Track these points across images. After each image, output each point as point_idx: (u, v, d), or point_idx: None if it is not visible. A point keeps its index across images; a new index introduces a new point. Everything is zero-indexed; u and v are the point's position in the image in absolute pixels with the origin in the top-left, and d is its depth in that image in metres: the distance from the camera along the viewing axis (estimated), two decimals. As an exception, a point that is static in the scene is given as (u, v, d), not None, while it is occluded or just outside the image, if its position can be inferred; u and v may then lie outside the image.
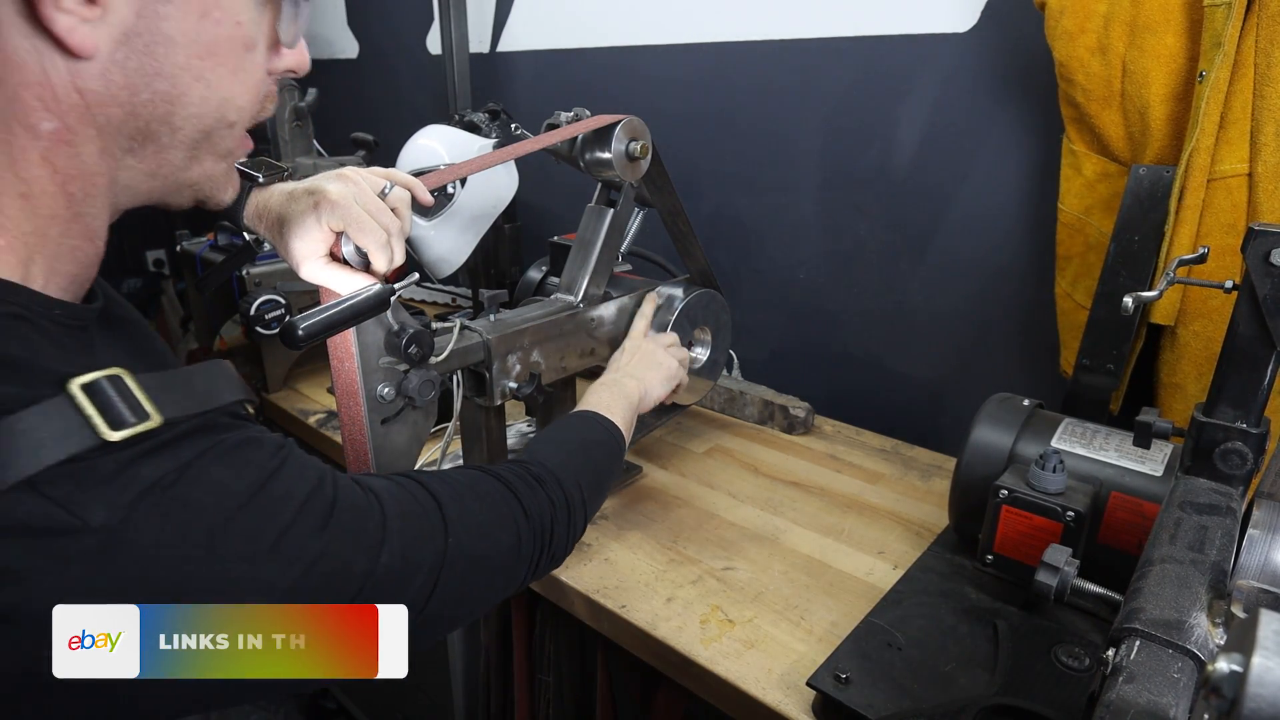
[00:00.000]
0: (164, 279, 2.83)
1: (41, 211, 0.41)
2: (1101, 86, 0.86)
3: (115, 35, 0.40)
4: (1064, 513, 0.72)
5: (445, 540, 0.51)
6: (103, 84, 0.40)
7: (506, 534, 0.57)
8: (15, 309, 0.38)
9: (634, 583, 0.85)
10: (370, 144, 1.52)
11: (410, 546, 0.48)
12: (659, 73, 1.43)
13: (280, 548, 0.41)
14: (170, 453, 0.39)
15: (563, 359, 0.95)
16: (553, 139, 0.89)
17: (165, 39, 0.41)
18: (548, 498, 0.62)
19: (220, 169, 0.49)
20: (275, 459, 0.43)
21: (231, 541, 0.39)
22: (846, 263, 1.29)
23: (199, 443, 0.40)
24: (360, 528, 0.45)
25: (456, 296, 1.75)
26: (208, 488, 0.39)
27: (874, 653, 0.69)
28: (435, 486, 0.54)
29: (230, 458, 0.41)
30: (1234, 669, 0.29)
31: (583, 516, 0.68)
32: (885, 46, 1.15)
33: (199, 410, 0.41)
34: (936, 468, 1.10)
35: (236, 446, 0.42)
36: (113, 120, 0.42)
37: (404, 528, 0.48)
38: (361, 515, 0.46)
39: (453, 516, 0.52)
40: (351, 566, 0.44)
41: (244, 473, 0.41)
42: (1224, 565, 0.49)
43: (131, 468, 0.37)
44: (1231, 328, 0.58)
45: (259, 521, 0.40)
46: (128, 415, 0.37)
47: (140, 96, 0.42)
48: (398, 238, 0.68)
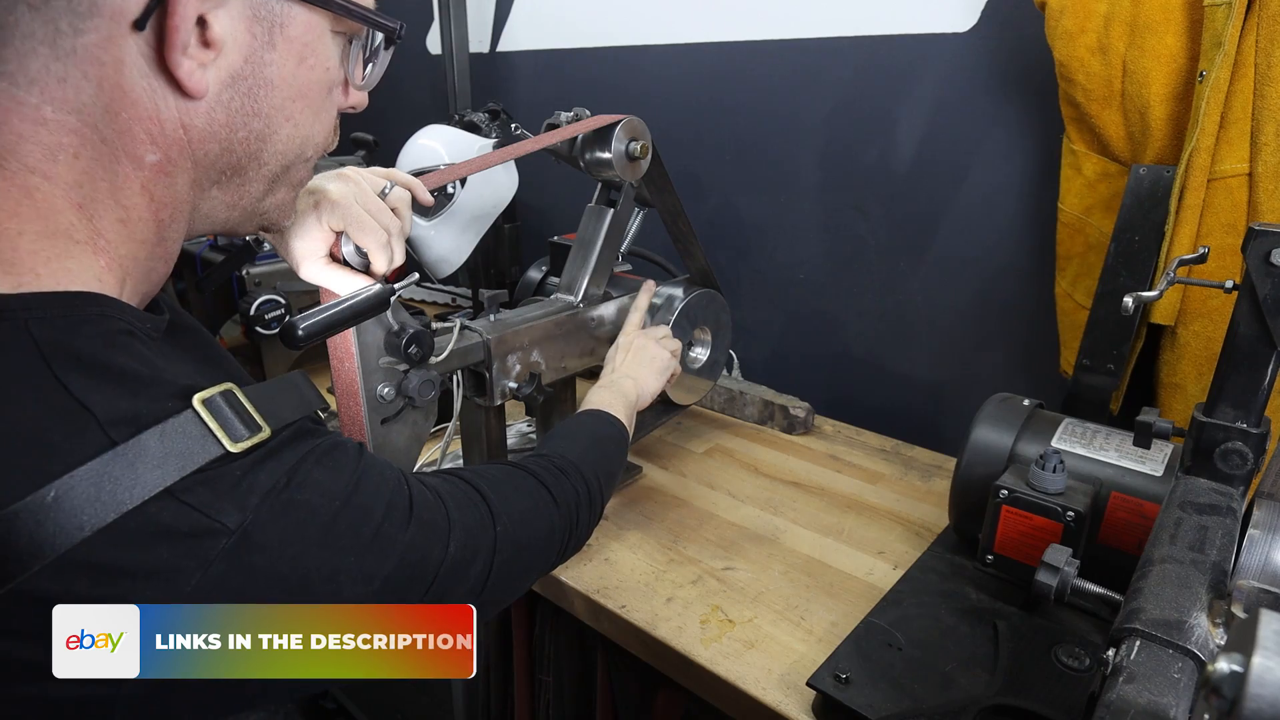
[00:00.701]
0: (164, 279, 2.82)
1: (136, 236, 0.44)
2: (1102, 86, 0.86)
3: (224, 78, 0.43)
4: (1064, 513, 0.72)
5: (495, 529, 0.54)
6: (206, 122, 0.44)
7: (543, 521, 0.61)
8: (127, 325, 0.41)
9: (634, 583, 0.85)
10: (370, 144, 1.52)
11: (470, 536, 0.51)
12: (659, 73, 1.43)
13: (378, 541, 0.44)
14: (278, 459, 0.41)
15: (563, 359, 0.95)
16: (553, 139, 0.89)
17: (266, 82, 0.45)
18: (573, 487, 0.65)
19: (290, 198, 0.53)
20: (361, 460, 0.46)
21: (339, 537, 0.42)
22: (846, 263, 1.29)
23: (299, 448, 0.43)
24: (434, 520, 0.49)
25: (456, 296, 1.75)
26: (314, 489, 0.42)
27: (874, 653, 0.69)
28: (477, 481, 0.57)
29: (326, 460, 0.44)
30: (1234, 669, 0.29)
31: (601, 504, 0.71)
32: (885, 46, 1.15)
33: (294, 419, 0.44)
34: (936, 468, 1.10)
35: (329, 450, 0.44)
36: (209, 155, 0.45)
37: (463, 519, 0.51)
38: (433, 509, 0.49)
39: (498, 507, 0.55)
40: (429, 557, 0.47)
41: (339, 474, 0.44)
42: (1224, 565, 0.49)
43: (251, 474, 0.40)
44: (1232, 328, 0.58)
45: (360, 517, 0.44)
46: (242, 428, 0.40)
47: (238, 134, 0.45)
48: (398, 238, 0.68)
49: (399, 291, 0.68)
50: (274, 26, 0.44)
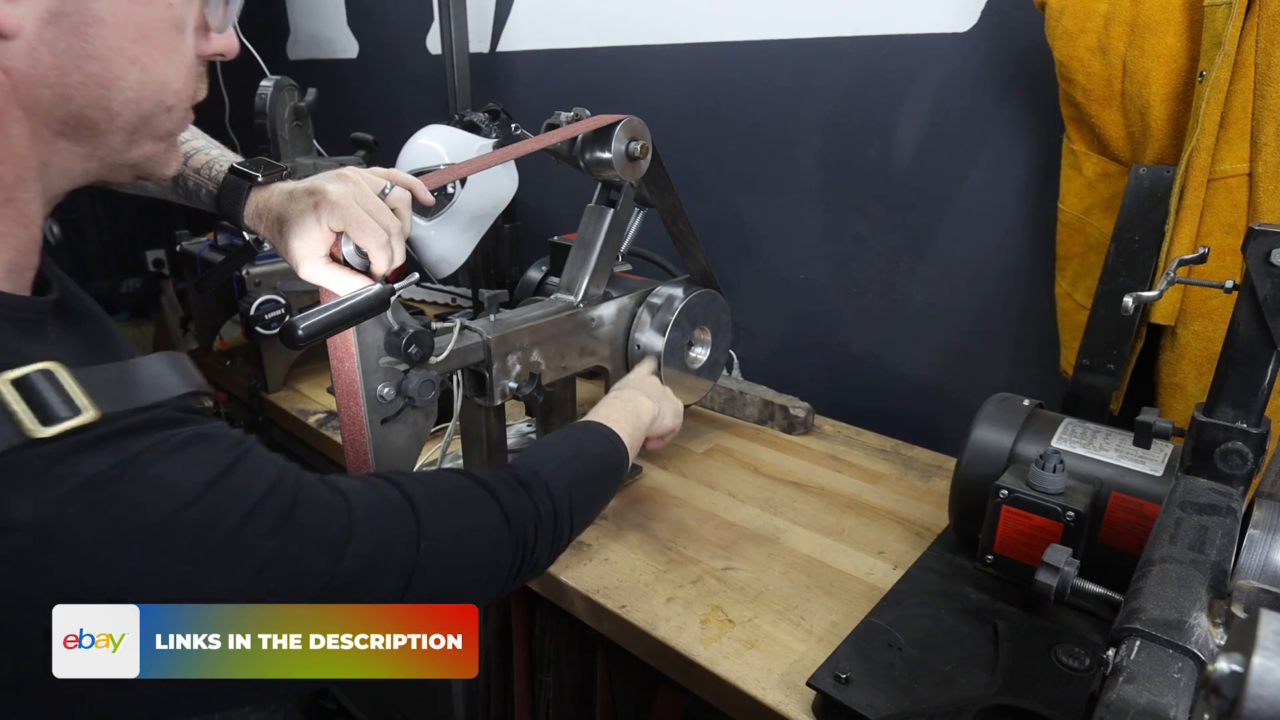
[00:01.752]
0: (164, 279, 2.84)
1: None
2: (1102, 86, 0.86)
3: (40, 14, 0.39)
4: (1064, 513, 0.72)
5: (418, 544, 0.50)
6: (29, 64, 0.39)
7: (484, 540, 0.56)
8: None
9: (634, 582, 0.85)
10: (370, 144, 1.52)
11: (379, 550, 0.47)
12: (659, 73, 1.43)
13: (229, 548, 0.40)
14: (110, 448, 0.37)
15: (563, 359, 0.95)
16: (553, 139, 0.89)
17: (95, 19, 0.40)
18: (532, 504, 0.61)
19: (160, 148, 0.48)
20: (229, 455, 0.42)
21: (175, 541, 0.38)
22: (846, 263, 1.29)
23: (145, 438, 0.39)
24: (322, 528, 0.45)
25: (456, 296, 1.75)
26: (150, 485, 0.38)
27: (874, 653, 0.69)
28: (411, 489, 0.53)
29: (178, 454, 0.40)
30: (1234, 669, 0.29)
31: (569, 527, 0.66)
32: (885, 46, 1.15)
33: (144, 404, 0.40)
34: (936, 468, 1.10)
35: (186, 442, 0.40)
36: (42, 102, 0.41)
37: (373, 529, 0.47)
38: (325, 515, 0.45)
39: (427, 520, 0.51)
40: (311, 569, 0.43)
41: (191, 470, 0.40)
42: (1224, 565, 0.49)
43: (64, 464, 0.36)
44: (1232, 328, 0.58)
45: (205, 520, 0.39)
46: (60, 410, 0.36)
47: (71, 79, 0.41)
48: (398, 238, 0.68)
49: (399, 291, 0.68)
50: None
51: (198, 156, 0.76)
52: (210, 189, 0.75)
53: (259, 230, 0.73)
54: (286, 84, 1.45)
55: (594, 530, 0.94)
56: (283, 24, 2.28)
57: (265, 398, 1.36)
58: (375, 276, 0.68)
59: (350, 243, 0.67)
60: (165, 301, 2.68)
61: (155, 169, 0.49)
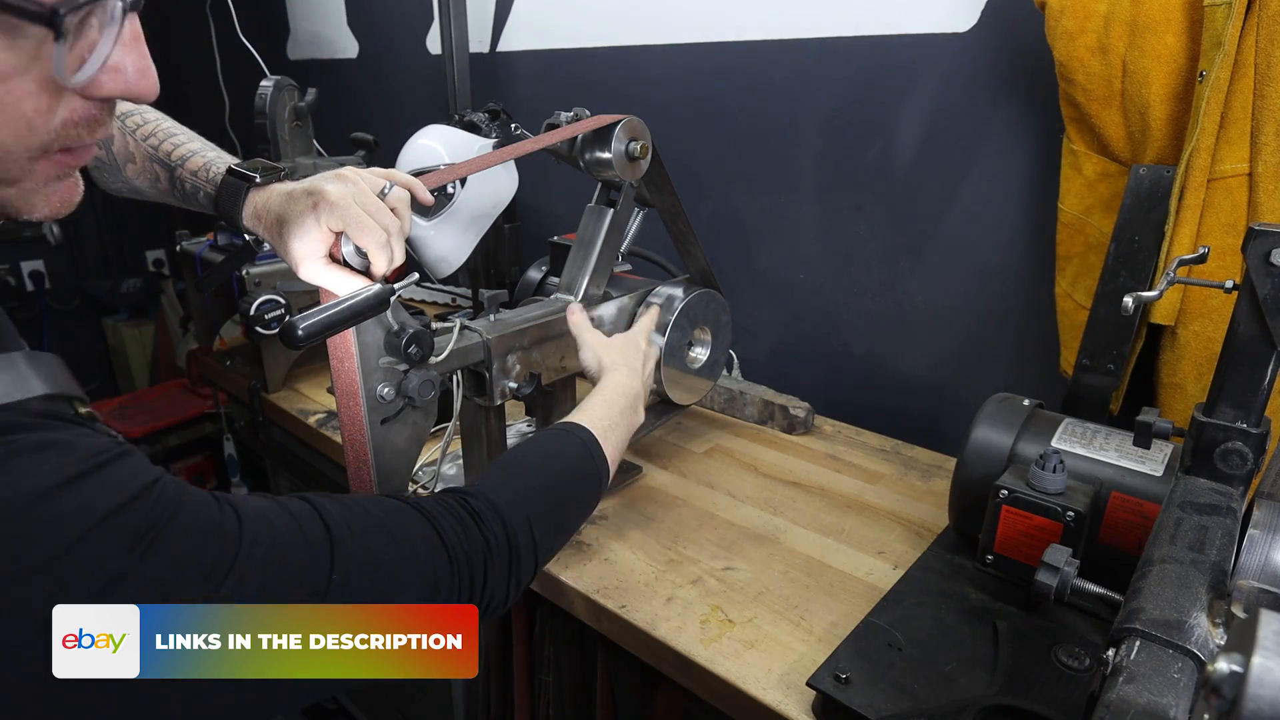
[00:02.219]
0: (164, 279, 2.84)
1: None
2: (1102, 86, 0.86)
3: None
4: (1064, 513, 0.72)
5: (329, 577, 0.47)
6: None
7: (417, 576, 0.52)
8: None
9: (634, 583, 0.85)
10: (370, 144, 1.52)
11: (273, 580, 0.44)
12: (659, 73, 1.43)
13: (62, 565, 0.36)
14: None
15: (563, 359, 0.95)
16: (553, 139, 0.89)
17: None
18: (482, 538, 0.56)
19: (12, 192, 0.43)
20: (82, 465, 0.39)
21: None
22: (846, 263, 1.29)
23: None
24: (197, 553, 0.41)
25: (456, 296, 1.75)
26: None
27: (874, 653, 0.69)
28: (333, 516, 0.49)
29: (16, 461, 0.37)
30: (1234, 669, 0.29)
31: (532, 560, 0.60)
32: (885, 46, 1.15)
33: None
34: (936, 468, 1.10)
35: (32, 449, 0.38)
36: None
37: (269, 558, 0.44)
38: (202, 540, 0.42)
39: (345, 553, 0.48)
40: (176, 594, 0.40)
41: (26, 479, 0.37)
42: (1224, 565, 0.49)
43: None
44: (1232, 328, 0.58)
45: (30, 535, 0.36)
46: None
47: None
48: (397, 238, 0.68)
49: (399, 291, 0.68)
50: None
51: (195, 159, 0.76)
52: (208, 191, 0.74)
53: (258, 231, 0.72)
54: (286, 84, 1.45)
55: (594, 530, 0.94)
56: (283, 24, 2.28)
57: (265, 398, 1.36)
58: (375, 276, 0.68)
59: (350, 243, 0.67)
60: (165, 301, 2.69)
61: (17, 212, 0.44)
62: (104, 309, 2.85)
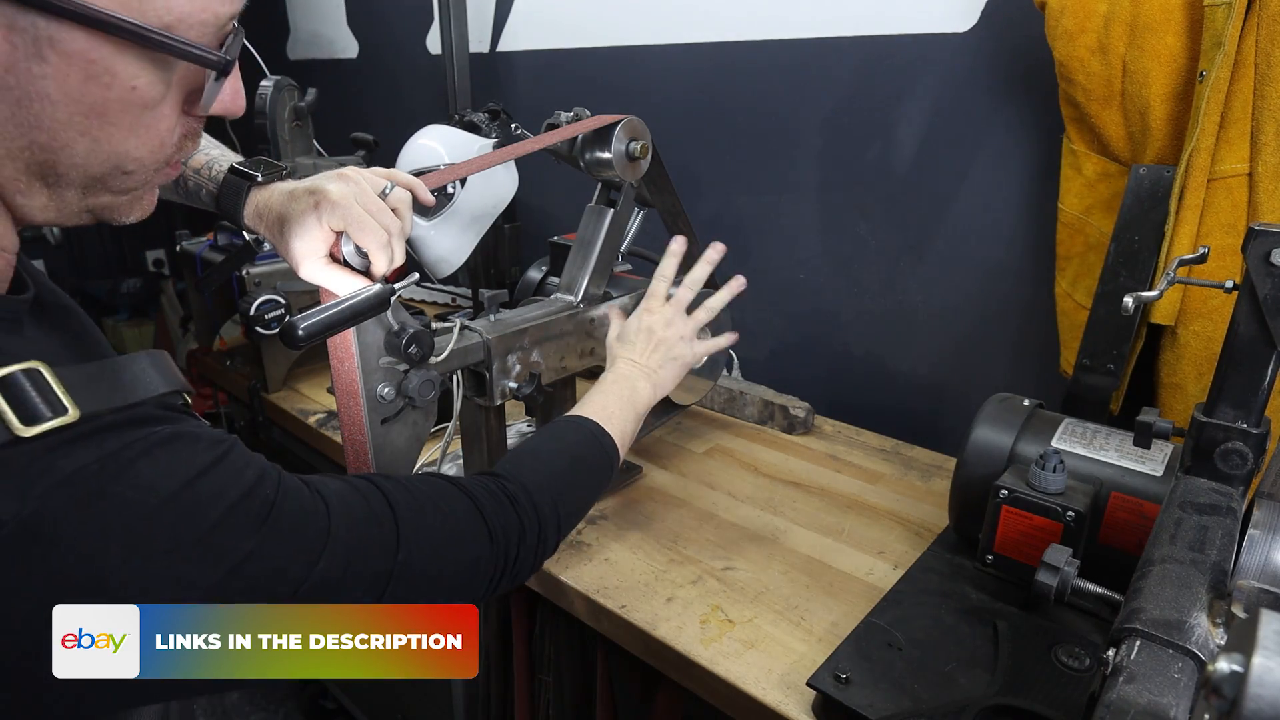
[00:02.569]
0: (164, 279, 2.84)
1: None
2: (1102, 86, 0.86)
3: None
4: (1064, 513, 0.72)
5: (396, 555, 0.50)
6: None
7: (465, 552, 0.56)
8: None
9: (634, 583, 0.85)
10: (370, 144, 1.52)
11: (355, 557, 0.48)
12: (659, 73, 1.43)
13: (205, 546, 0.40)
14: (90, 446, 0.38)
15: (563, 359, 0.95)
16: (553, 139, 0.89)
17: (41, 96, 0.41)
18: (518, 518, 0.61)
19: (120, 200, 0.48)
20: (209, 454, 0.43)
21: (152, 538, 0.39)
22: (846, 263, 1.29)
23: (124, 436, 0.40)
24: (300, 532, 0.45)
25: (456, 296, 1.75)
26: (130, 482, 0.39)
27: (874, 653, 0.69)
28: (397, 497, 0.53)
29: (158, 451, 0.40)
30: (1234, 669, 0.29)
31: (555, 537, 0.66)
32: (885, 46, 1.15)
33: (124, 403, 0.41)
34: (936, 468, 1.10)
35: (165, 441, 0.41)
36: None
37: (351, 537, 0.48)
38: (304, 520, 0.46)
39: (408, 531, 0.52)
40: (286, 571, 0.44)
41: (172, 468, 0.41)
42: (1224, 565, 0.49)
43: (44, 460, 0.37)
44: (1232, 328, 0.58)
45: (183, 518, 0.40)
46: (43, 410, 0.37)
47: (15, 144, 0.42)
48: (398, 238, 0.68)
49: (399, 291, 0.68)
50: (40, 40, 0.40)
51: (197, 156, 0.76)
52: (210, 189, 0.74)
53: (259, 230, 0.72)
54: (286, 84, 1.45)
55: (594, 530, 0.94)
56: (283, 24, 2.29)
57: (265, 398, 1.36)
58: (375, 276, 0.68)
59: (350, 243, 0.67)
60: (165, 301, 2.69)
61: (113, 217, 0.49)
62: (104, 309, 2.85)
